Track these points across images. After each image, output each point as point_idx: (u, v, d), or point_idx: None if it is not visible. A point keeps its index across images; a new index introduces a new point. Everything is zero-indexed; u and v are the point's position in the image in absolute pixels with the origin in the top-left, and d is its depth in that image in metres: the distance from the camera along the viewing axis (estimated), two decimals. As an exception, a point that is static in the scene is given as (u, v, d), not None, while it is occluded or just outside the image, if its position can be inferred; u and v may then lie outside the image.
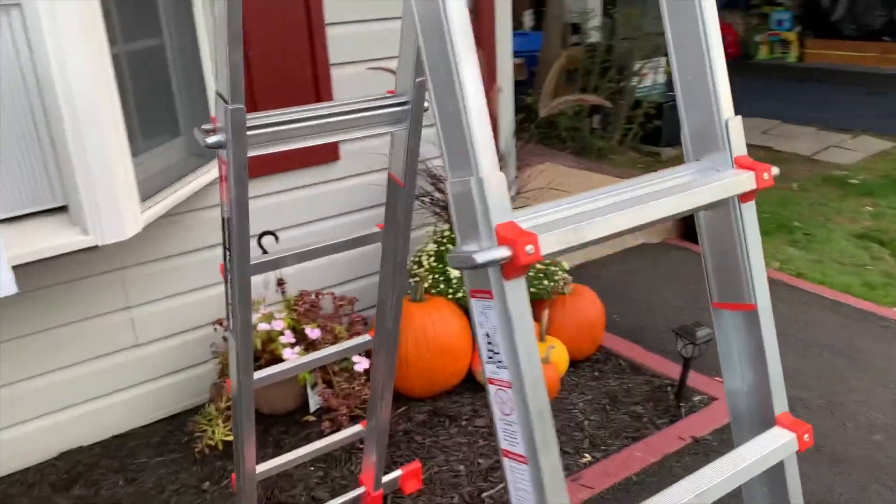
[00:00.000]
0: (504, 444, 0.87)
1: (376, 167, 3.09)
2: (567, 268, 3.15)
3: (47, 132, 2.06)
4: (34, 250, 2.04)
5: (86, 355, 2.65)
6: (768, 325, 1.02)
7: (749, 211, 1.00)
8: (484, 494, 2.40)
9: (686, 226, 4.43)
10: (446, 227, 3.10)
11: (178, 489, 2.47)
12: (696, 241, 3.93)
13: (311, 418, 2.78)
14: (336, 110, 1.56)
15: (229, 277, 1.58)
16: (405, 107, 1.60)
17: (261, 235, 2.86)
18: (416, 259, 3.04)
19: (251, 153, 1.44)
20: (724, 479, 0.93)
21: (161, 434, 2.76)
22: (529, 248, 0.77)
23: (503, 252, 0.77)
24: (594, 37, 7.13)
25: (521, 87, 7.93)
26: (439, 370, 2.79)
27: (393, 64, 1.67)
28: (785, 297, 3.72)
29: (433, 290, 2.95)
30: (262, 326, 2.60)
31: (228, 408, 2.63)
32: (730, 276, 1.03)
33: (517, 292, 0.80)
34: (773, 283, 1.70)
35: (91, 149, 2.04)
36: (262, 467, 1.99)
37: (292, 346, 2.61)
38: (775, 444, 1.00)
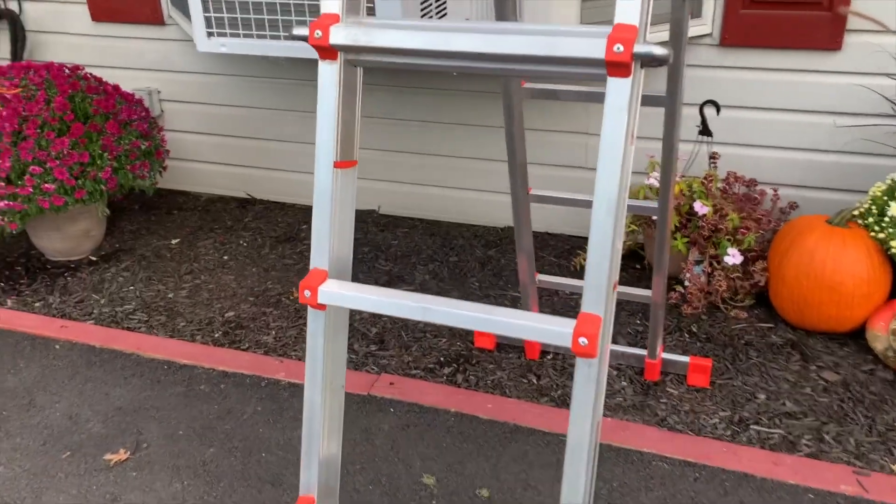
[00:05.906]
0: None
1: (889, 69, 2.65)
2: None
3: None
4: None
5: (544, 160, 3.24)
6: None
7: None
8: (753, 426, 2.21)
9: None
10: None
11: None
12: None
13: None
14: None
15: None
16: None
17: (703, 104, 2.91)
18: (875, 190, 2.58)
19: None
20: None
21: (554, 243, 3.27)
22: (318, 33, 0.99)
23: (302, 31, 1.00)
24: None
25: None
26: (812, 304, 2.47)
27: None
28: None
29: (860, 221, 2.51)
30: (652, 182, 2.74)
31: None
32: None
33: (326, 69, 1.03)
34: None
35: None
36: (540, 277, 2.38)
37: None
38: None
